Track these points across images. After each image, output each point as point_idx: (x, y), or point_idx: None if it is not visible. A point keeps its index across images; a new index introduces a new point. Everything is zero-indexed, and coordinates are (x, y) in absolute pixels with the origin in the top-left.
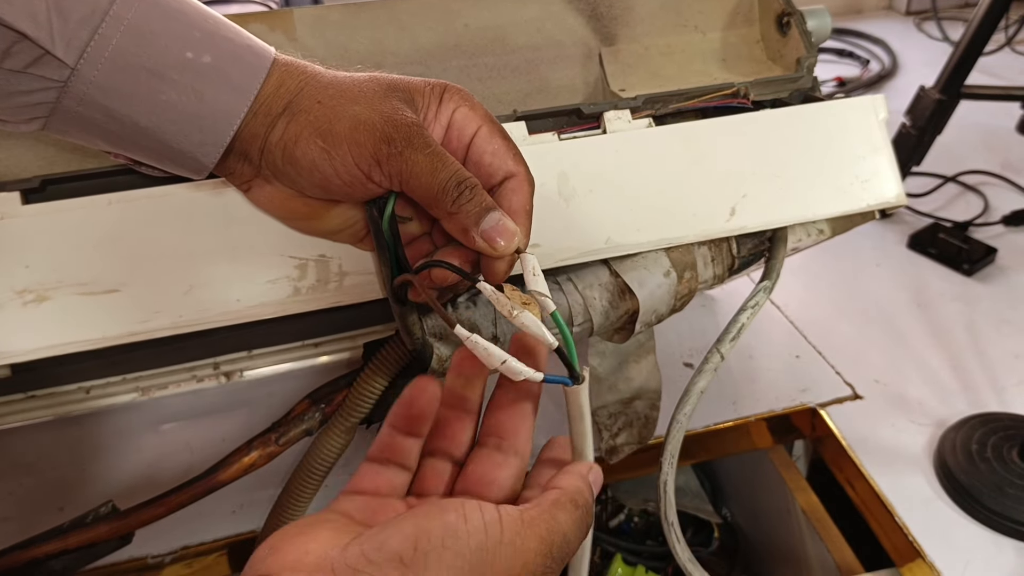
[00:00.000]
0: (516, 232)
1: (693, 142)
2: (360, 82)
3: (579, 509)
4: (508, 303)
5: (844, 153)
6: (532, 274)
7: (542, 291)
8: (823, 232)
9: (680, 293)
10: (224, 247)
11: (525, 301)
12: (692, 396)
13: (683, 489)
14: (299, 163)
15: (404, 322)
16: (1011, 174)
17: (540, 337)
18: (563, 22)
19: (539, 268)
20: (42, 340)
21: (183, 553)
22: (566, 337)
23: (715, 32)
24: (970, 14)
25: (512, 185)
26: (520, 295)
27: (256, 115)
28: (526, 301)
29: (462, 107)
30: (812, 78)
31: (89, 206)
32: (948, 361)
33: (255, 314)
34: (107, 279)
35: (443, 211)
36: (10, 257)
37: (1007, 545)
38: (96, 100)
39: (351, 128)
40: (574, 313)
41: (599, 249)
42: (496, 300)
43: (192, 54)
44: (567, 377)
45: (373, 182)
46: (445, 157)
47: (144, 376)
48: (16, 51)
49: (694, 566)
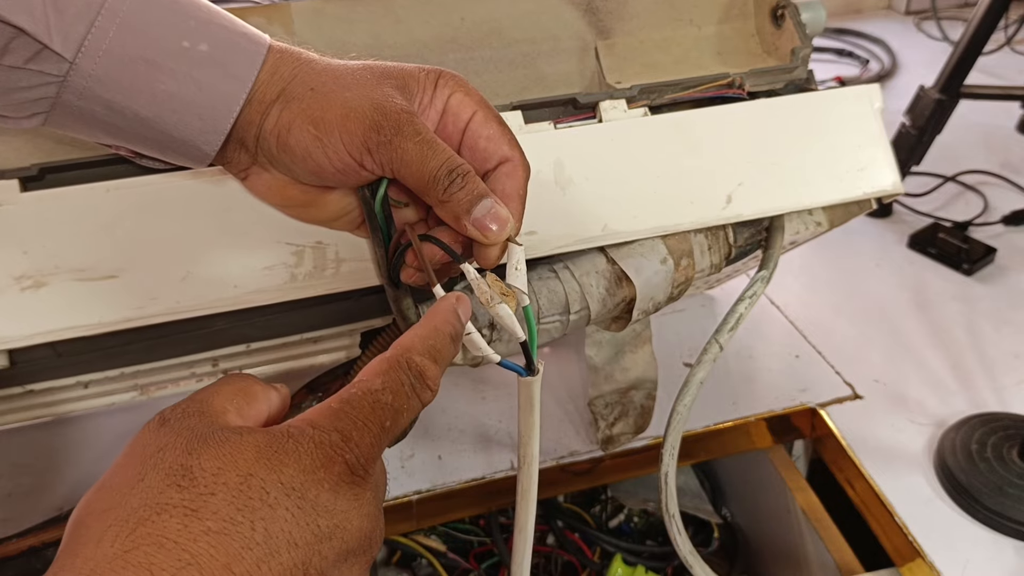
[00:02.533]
0: (509, 219)
1: (688, 131)
2: (353, 69)
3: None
4: (488, 291)
5: (840, 142)
6: (515, 268)
7: (520, 286)
8: (821, 224)
9: (677, 281)
10: (221, 234)
11: (504, 292)
12: (692, 387)
13: (683, 489)
14: (293, 150)
15: (399, 305)
16: (1011, 174)
17: (511, 331)
18: (559, 16)
19: (523, 262)
20: (40, 325)
21: None
22: (531, 333)
23: (710, 25)
24: (969, 14)
25: (506, 170)
26: (501, 285)
27: (251, 102)
28: (505, 292)
29: (457, 92)
30: (807, 69)
31: (87, 193)
32: (948, 361)
33: (252, 300)
34: (105, 265)
35: (435, 199)
36: (8, 244)
37: (1007, 545)
38: (96, 93)
39: (342, 116)
40: (571, 301)
41: (596, 236)
42: (476, 286)
43: (188, 43)
44: (524, 368)
45: (365, 169)
46: (436, 145)
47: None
48: (14, 47)
49: (695, 559)
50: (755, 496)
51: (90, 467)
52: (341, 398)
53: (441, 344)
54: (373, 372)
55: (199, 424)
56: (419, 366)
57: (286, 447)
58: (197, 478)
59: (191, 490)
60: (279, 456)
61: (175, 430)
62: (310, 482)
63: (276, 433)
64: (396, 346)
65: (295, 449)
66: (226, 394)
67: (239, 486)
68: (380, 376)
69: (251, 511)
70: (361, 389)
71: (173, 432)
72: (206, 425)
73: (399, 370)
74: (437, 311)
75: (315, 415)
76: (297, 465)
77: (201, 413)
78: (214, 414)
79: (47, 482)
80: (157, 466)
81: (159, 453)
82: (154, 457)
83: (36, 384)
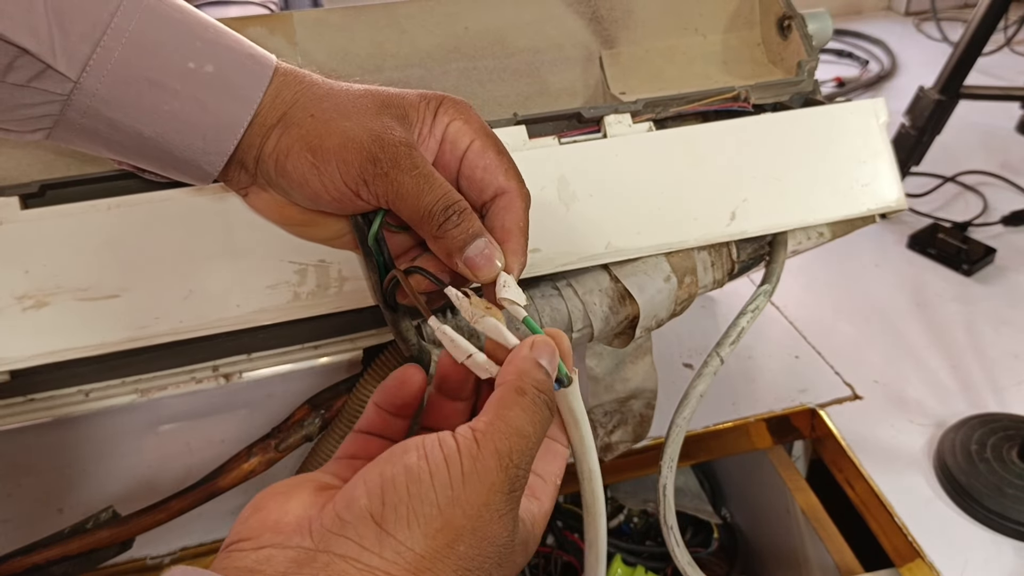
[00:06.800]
0: (500, 260)
1: (693, 146)
2: (355, 96)
3: (526, 395)
4: (471, 308)
5: (844, 157)
6: (503, 285)
7: (513, 299)
8: (823, 235)
9: (680, 298)
10: (224, 252)
11: (487, 307)
12: (691, 400)
13: (683, 490)
14: (290, 176)
15: (398, 328)
16: (1010, 174)
17: (501, 340)
18: (563, 25)
19: (512, 279)
20: (42, 346)
21: (182, 555)
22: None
23: (716, 35)
24: (969, 14)
25: (504, 203)
26: (483, 302)
27: (253, 125)
28: (488, 307)
29: (456, 120)
30: (813, 81)
31: (89, 211)
32: (947, 361)
33: (255, 320)
34: (107, 284)
35: (429, 234)
36: (9, 262)
37: (1006, 545)
38: (99, 112)
39: (340, 145)
40: (574, 319)
41: (599, 254)
42: (460, 305)
43: (194, 64)
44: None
45: (361, 199)
46: (432, 179)
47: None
48: (18, 66)
49: (693, 569)
50: (755, 496)
51: (90, 467)
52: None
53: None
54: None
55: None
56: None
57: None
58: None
59: None
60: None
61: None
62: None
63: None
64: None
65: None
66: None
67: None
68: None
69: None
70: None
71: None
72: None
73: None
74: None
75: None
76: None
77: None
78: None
79: (47, 482)
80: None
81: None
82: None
83: (37, 393)
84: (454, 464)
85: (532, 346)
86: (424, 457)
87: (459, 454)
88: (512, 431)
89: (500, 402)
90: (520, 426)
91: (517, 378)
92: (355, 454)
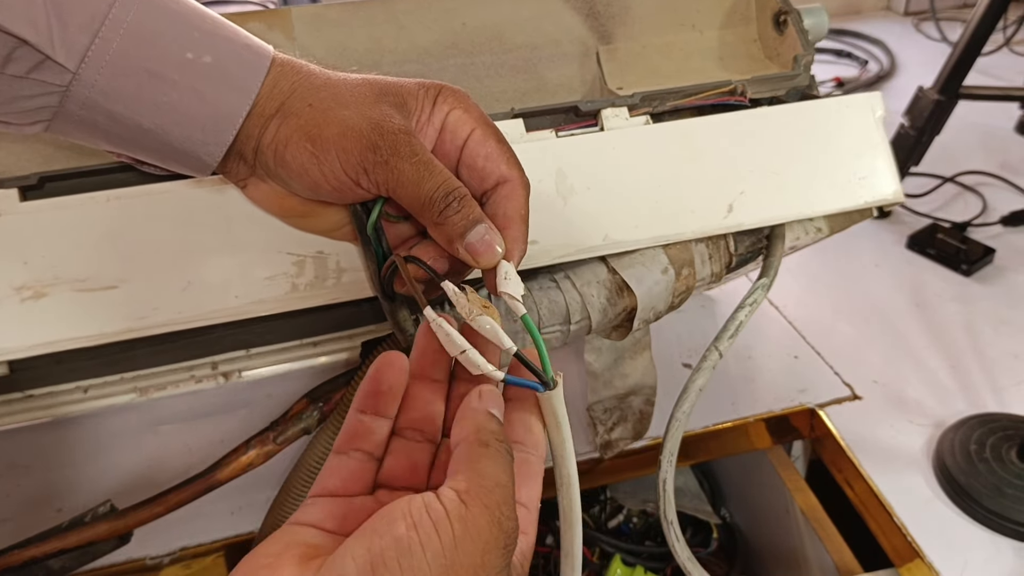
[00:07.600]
0: (501, 246)
1: (690, 139)
2: (353, 85)
3: (490, 447)
4: (467, 305)
5: (841, 150)
6: (504, 277)
7: (513, 293)
8: (821, 230)
9: (678, 290)
10: (222, 244)
11: (484, 305)
12: (691, 394)
13: (682, 490)
14: (289, 166)
15: (395, 318)
16: (1009, 174)
17: (496, 341)
18: (561, 21)
19: (513, 272)
20: (40, 337)
21: (181, 554)
22: (536, 341)
23: (712, 31)
24: (968, 15)
25: (505, 191)
26: (480, 299)
27: (251, 116)
28: (485, 305)
29: (456, 109)
30: (809, 76)
31: (87, 203)
32: (947, 361)
33: (253, 311)
34: (105, 276)
35: (429, 220)
36: (8, 254)
37: (1005, 545)
38: (98, 103)
39: (339, 134)
40: (572, 311)
41: (597, 246)
42: (456, 301)
43: (192, 54)
44: (537, 382)
45: (361, 188)
46: (432, 166)
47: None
48: (17, 57)
49: (693, 565)
50: (754, 496)
51: (89, 467)
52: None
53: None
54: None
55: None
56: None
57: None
58: None
59: None
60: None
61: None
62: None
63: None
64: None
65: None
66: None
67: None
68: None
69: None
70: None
71: None
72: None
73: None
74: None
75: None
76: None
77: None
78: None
79: (46, 482)
80: None
81: None
82: None
83: (36, 390)
84: (444, 530)
85: (480, 397)
86: (413, 527)
87: (448, 519)
88: (493, 484)
89: (469, 458)
90: (497, 477)
91: (476, 433)
92: (335, 489)
